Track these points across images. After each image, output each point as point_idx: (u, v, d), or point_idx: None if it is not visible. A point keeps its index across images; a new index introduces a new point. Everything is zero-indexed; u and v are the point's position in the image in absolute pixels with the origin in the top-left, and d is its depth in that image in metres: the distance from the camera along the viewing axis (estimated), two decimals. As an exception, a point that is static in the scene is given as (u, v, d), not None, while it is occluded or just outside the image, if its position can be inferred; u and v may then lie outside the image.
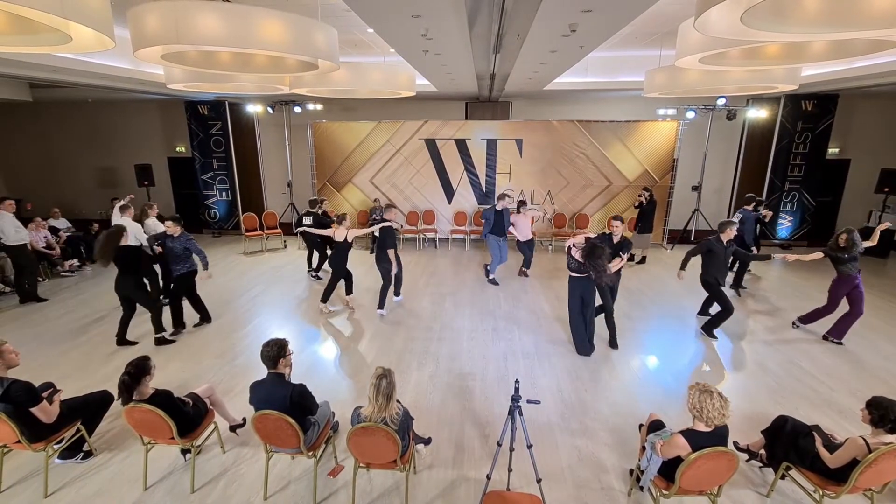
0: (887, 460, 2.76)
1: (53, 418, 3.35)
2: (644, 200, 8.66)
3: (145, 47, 3.20)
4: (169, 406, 3.21)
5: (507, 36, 5.33)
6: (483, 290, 7.69)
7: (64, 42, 2.80)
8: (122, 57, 6.97)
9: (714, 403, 2.73)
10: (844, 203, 11.11)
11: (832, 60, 3.52)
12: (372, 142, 10.73)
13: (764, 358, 5.36)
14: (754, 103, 10.31)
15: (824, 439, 3.12)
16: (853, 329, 5.84)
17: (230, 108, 11.29)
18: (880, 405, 2.88)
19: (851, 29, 2.42)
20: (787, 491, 3.35)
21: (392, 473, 3.49)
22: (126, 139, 12.47)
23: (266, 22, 3.26)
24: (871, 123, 10.49)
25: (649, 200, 8.67)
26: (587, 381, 4.85)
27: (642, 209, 8.73)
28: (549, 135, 10.33)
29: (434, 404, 4.44)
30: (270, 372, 3.24)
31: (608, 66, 8.68)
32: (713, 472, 2.79)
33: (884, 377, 4.93)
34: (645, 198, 8.66)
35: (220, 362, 5.23)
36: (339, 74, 5.72)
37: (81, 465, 3.62)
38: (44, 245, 8.31)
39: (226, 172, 11.65)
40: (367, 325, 6.29)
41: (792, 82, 5.10)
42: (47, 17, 2.35)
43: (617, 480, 3.48)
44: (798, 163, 10.08)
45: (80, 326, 6.19)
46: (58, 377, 4.40)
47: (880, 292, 7.53)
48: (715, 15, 2.49)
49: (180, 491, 3.38)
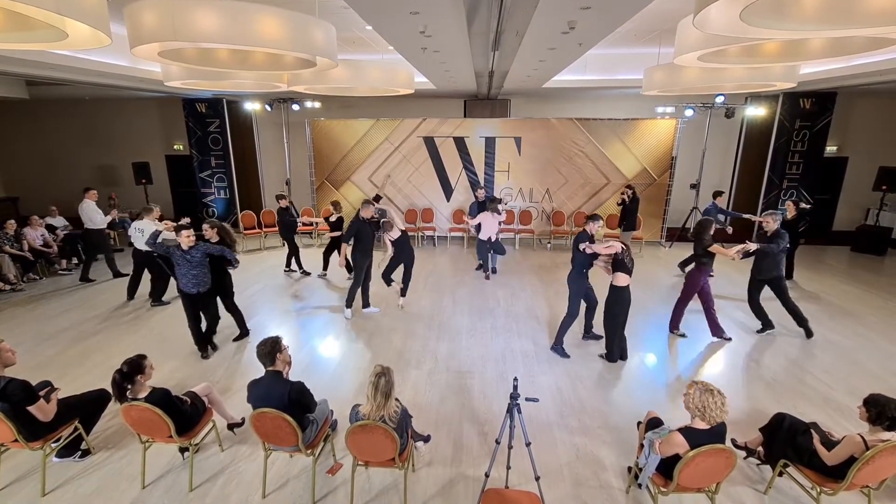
0: (885, 457, 2.76)
1: (51, 417, 3.34)
2: (627, 198, 8.70)
3: (142, 44, 3.19)
4: (166, 404, 3.20)
5: (505, 33, 5.31)
6: (482, 288, 7.69)
7: (60, 39, 2.78)
8: (120, 54, 6.93)
9: (716, 401, 2.74)
10: (842, 201, 11.14)
11: (831, 58, 3.52)
12: (370, 139, 10.71)
13: (762, 355, 5.37)
14: (753, 101, 10.31)
15: (822, 436, 3.13)
16: (850, 327, 5.87)
17: (228, 106, 11.26)
18: (878, 402, 2.89)
19: (850, 26, 2.42)
20: (785, 488, 3.36)
21: (391, 471, 3.49)
22: (124, 137, 12.44)
23: (264, 19, 3.25)
24: (869, 121, 10.51)
25: (632, 198, 8.71)
26: (586, 379, 4.85)
27: (626, 206, 8.77)
28: (548, 133, 10.32)
29: (433, 402, 4.44)
30: (268, 370, 3.23)
31: (607, 63, 8.67)
32: (711, 470, 2.80)
33: (882, 375, 4.94)
34: (628, 195, 8.70)
35: (218, 360, 5.22)
36: (337, 72, 5.71)
37: (79, 463, 3.61)
38: (41, 243, 8.29)
39: (224, 170, 11.63)
40: (366, 323, 6.28)
41: (790, 80, 5.10)
42: (43, 14, 2.34)
43: (615, 478, 3.48)
44: (796, 160, 10.08)
45: (78, 324, 6.17)
46: (55, 376, 4.40)
47: (878, 290, 7.55)
48: (714, 12, 2.48)
49: (178, 489, 3.37)
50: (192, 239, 4.90)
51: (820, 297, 7.21)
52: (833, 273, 8.54)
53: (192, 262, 4.89)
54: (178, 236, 4.87)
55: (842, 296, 7.30)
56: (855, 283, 7.90)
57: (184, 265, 4.90)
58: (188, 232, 4.89)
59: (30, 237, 8.13)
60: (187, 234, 4.88)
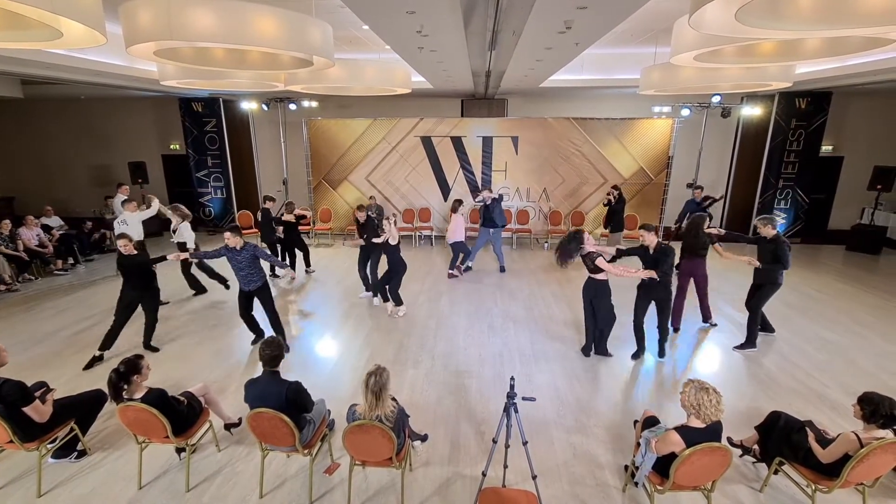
0: (879, 455, 2.78)
1: (46, 418, 3.32)
2: (613, 199, 8.67)
3: (138, 44, 3.17)
4: (163, 405, 3.19)
5: (502, 33, 5.32)
6: (479, 287, 7.70)
7: (55, 38, 2.77)
8: (115, 53, 6.90)
9: (711, 400, 2.75)
10: (837, 200, 11.20)
11: (826, 58, 3.53)
12: (367, 139, 10.70)
13: (758, 354, 5.40)
14: (749, 101, 10.35)
15: (817, 434, 3.15)
16: (845, 325, 5.90)
17: (225, 105, 11.21)
18: (872, 400, 2.91)
19: (846, 26, 2.43)
20: (781, 486, 3.38)
21: (388, 471, 3.49)
22: (120, 136, 12.38)
23: (260, 18, 3.24)
24: (864, 121, 10.56)
25: (618, 199, 8.68)
26: (583, 378, 4.86)
27: (612, 207, 8.72)
28: (545, 132, 10.33)
29: (430, 401, 4.44)
30: (266, 370, 3.23)
31: (604, 63, 8.68)
32: (707, 468, 2.81)
33: (876, 373, 4.97)
34: (614, 196, 8.68)
35: (215, 361, 5.21)
36: (334, 71, 5.70)
37: (75, 464, 3.60)
38: (36, 244, 8.25)
39: (220, 170, 11.58)
40: (364, 322, 6.28)
41: (786, 80, 5.13)
42: (37, 13, 2.33)
43: (612, 476, 3.49)
44: (792, 160, 10.13)
45: (74, 324, 6.15)
46: (51, 376, 4.37)
47: (872, 289, 7.60)
48: (710, 12, 2.49)
49: (175, 490, 3.36)
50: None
51: (815, 296, 7.25)
52: (828, 272, 8.58)
53: (240, 264, 5.11)
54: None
55: (837, 294, 7.34)
56: (850, 282, 7.94)
57: (234, 265, 5.15)
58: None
59: (25, 237, 8.09)
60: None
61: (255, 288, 5.23)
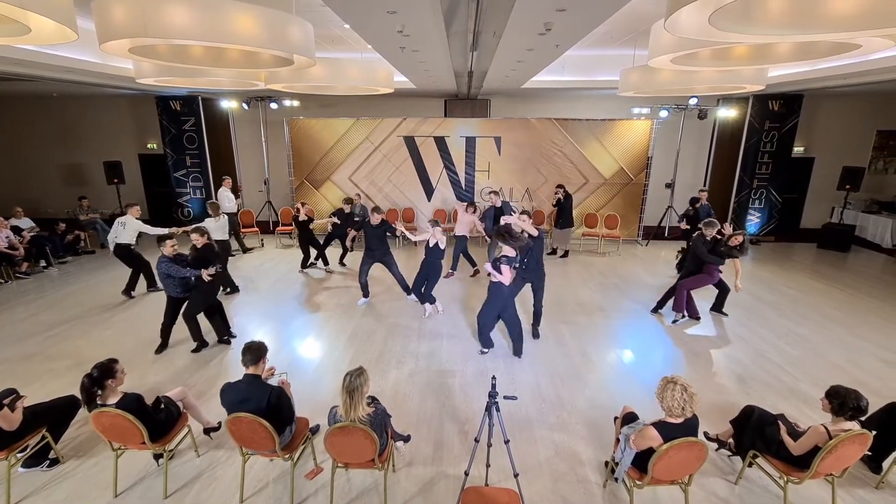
0: (846, 447, 2.89)
1: (15, 426, 3.22)
2: (561, 197, 8.95)
3: (111, 40, 3.09)
4: (138, 410, 3.12)
5: (483, 34, 5.34)
6: (462, 287, 7.72)
7: (22, 33, 2.68)
8: (89, 50, 6.71)
9: (675, 395, 2.81)
10: (809, 199, 11.55)
11: (797, 62, 3.64)
12: (350, 139, 10.63)
13: (734, 350, 5.54)
14: (724, 103, 10.60)
15: (789, 427, 3.25)
16: (816, 321, 6.09)
17: (204, 104, 11.01)
18: (838, 394, 3.01)
19: (815, 31, 2.51)
20: (755, 478, 3.48)
21: (371, 473, 3.48)
22: (94, 135, 12.05)
23: (239, 15, 3.18)
24: (833, 123, 10.92)
25: (565, 197, 8.97)
26: (564, 376, 4.92)
27: (560, 206, 9.01)
28: (528, 133, 10.41)
29: (413, 402, 4.44)
30: (247, 373, 3.18)
31: (584, 64, 8.79)
32: (684, 462, 2.87)
33: (845, 367, 5.15)
34: (561, 195, 8.95)
35: (194, 365, 5.11)
36: (316, 70, 5.64)
37: (48, 472, 3.50)
38: (6, 245, 7.97)
39: (200, 170, 11.37)
40: (347, 323, 6.23)
41: (759, 82, 5.26)
42: (5, 8, 2.25)
43: (593, 472, 3.55)
44: (766, 161, 10.41)
45: (47, 328, 5.96)
46: (21, 383, 4.23)
47: (842, 285, 7.85)
48: (684, 15, 2.55)
49: (153, 496, 3.30)
50: (175, 248, 5.14)
51: (788, 293, 7.46)
52: (800, 269, 8.85)
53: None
54: (162, 247, 5.06)
55: (809, 291, 7.57)
56: (821, 279, 8.20)
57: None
58: (172, 241, 5.11)
59: (-7, 239, 7.81)
60: (171, 243, 5.09)
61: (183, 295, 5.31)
